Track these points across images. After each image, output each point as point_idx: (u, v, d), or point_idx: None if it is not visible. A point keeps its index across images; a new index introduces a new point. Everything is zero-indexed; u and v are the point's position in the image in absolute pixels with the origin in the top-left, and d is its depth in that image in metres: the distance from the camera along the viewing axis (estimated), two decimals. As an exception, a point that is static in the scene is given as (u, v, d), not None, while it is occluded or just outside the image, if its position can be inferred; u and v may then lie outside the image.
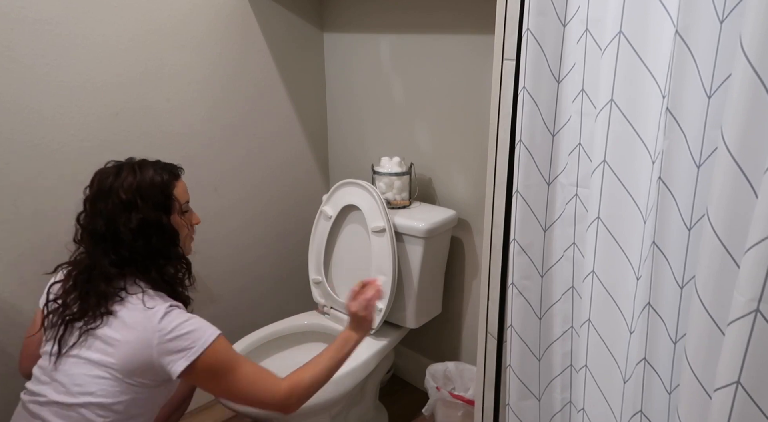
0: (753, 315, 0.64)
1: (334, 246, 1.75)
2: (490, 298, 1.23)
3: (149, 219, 1.05)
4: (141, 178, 1.06)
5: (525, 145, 1.04)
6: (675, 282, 0.85)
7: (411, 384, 2.00)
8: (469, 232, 1.70)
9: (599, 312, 1.00)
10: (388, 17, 1.71)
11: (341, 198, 1.68)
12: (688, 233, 0.82)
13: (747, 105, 0.64)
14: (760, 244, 0.62)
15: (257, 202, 1.88)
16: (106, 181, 1.05)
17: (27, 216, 1.37)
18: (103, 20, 1.40)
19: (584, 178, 1.01)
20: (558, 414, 1.20)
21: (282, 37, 1.80)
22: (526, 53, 0.99)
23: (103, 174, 1.07)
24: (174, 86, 1.57)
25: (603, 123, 0.91)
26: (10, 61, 1.28)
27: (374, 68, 1.80)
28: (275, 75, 1.82)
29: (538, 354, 1.18)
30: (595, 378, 1.04)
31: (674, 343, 0.87)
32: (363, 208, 1.60)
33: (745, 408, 0.67)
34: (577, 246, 1.07)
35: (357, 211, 1.63)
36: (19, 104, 1.31)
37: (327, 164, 2.08)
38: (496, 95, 1.09)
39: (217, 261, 1.80)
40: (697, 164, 0.79)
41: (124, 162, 1.10)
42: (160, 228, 1.07)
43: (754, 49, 0.62)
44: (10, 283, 1.37)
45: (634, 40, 0.84)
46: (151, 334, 0.99)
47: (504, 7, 1.02)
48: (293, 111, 1.91)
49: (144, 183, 1.06)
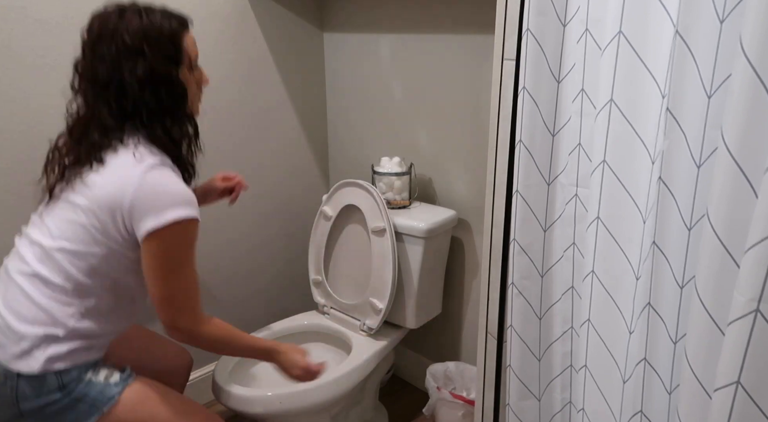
0: (753, 315, 0.64)
1: (334, 247, 1.75)
2: (490, 298, 1.23)
3: (158, 69, 0.96)
4: (149, 23, 0.95)
5: (525, 145, 1.04)
6: (675, 282, 0.85)
7: (411, 384, 2.00)
8: (469, 232, 1.70)
9: (599, 312, 1.00)
10: (388, 17, 1.71)
11: (341, 198, 1.68)
12: (688, 233, 0.82)
13: (747, 105, 0.64)
14: (760, 244, 0.62)
15: (257, 202, 1.88)
16: (108, 22, 0.95)
17: (27, 215, 1.37)
18: (103, 20, 1.40)
19: (584, 178, 1.01)
20: (558, 414, 1.20)
21: (282, 37, 1.80)
22: (526, 53, 0.99)
23: (104, 15, 0.96)
24: (174, 86, 1.57)
25: (603, 123, 0.91)
26: (10, 61, 1.28)
27: (374, 68, 1.80)
28: (275, 75, 1.82)
29: (538, 354, 1.18)
30: (595, 378, 1.04)
31: (674, 343, 0.87)
32: (363, 208, 1.60)
33: (745, 408, 0.67)
34: (577, 246, 1.07)
35: (357, 211, 1.63)
36: (19, 104, 1.31)
37: (327, 164, 2.08)
38: (496, 95, 1.09)
39: (217, 260, 1.80)
40: (697, 164, 0.79)
41: (126, 3, 0.98)
42: (170, 82, 0.98)
43: (754, 49, 0.62)
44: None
45: (634, 40, 0.84)
46: (130, 182, 0.93)
47: (504, 7, 1.03)
48: (293, 111, 1.91)
49: (152, 28, 0.95)
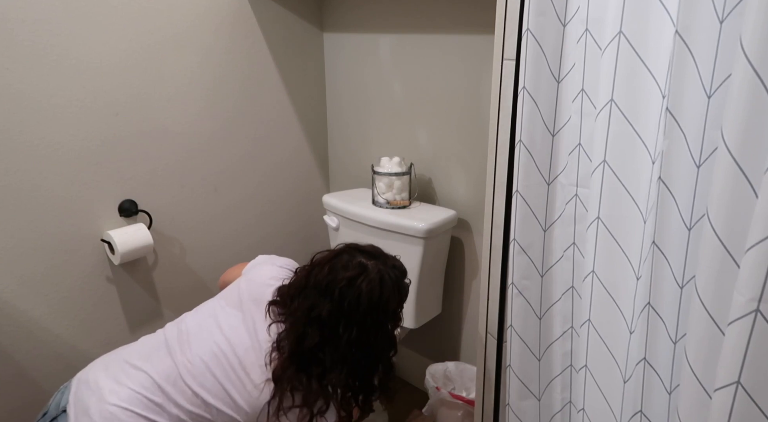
0: (753, 315, 0.64)
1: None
2: (490, 298, 1.23)
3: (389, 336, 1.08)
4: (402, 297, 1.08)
5: (525, 145, 1.04)
6: (675, 282, 0.85)
7: (411, 384, 2.00)
8: (469, 232, 1.70)
9: (599, 312, 1.00)
10: (388, 17, 1.71)
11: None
12: (688, 233, 0.82)
13: (747, 105, 0.64)
14: (760, 244, 0.62)
15: (257, 202, 1.88)
16: (379, 291, 1.02)
17: (26, 215, 1.37)
18: (104, 21, 1.40)
19: (584, 177, 1.01)
20: (558, 414, 1.20)
21: (282, 37, 1.80)
22: (526, 53, 0.99)
23: (372, 283, 1.02)
24: (174, 86, 1.57)
25: (603, 123, 0.91)
26: (10, 61, 1.28)
27: (374, 68, 1.80)
28: (275, 75, 1.82)
29: (538, 354, 1.18)
30: (595, 378, 1.04)
31: (674, 343, 0.87)
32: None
33: (745, 408, 0.67)
34: (577, 246, 1.07)
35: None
36: (18, 104, 1.31)
37: (327, 164, 2.08)
38: (496, 95, 1.09)
39: (217, 260, 1.80)
40: (697, 164, 0.79)
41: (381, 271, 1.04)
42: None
43: (754, 49, 0.62)
44: (9, 283, 1.37)
45: (634, 40, 0.84)
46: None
47: (504, 7, 1.03)
48: (293, 111, 1.91)
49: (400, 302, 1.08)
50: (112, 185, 1.50)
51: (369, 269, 1.03)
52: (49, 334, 1.46)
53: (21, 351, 1.42)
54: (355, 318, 1.00)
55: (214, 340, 1.04)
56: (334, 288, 1.01)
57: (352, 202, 1.72)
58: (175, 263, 1.69)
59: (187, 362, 1.02)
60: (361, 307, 1.00)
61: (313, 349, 1.00)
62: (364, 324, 1.01)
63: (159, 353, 1.04)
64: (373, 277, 1.02)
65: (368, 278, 1.01)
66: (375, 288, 1.01)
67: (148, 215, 1.57)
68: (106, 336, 1.57)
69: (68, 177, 1.41)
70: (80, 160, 1.42)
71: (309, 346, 1.00)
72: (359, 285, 1.00)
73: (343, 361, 1.01)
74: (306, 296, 1.03)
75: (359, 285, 1.00)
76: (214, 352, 1.03)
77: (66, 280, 1.46)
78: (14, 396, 1.43)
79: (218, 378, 1.01)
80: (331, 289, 1.01)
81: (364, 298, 1.00)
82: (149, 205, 1.58)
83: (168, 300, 1.70)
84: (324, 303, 1.00)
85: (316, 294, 1.02)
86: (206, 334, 1.06)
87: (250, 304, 1.08)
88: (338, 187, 2.05)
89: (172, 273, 1.69)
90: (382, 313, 1.03)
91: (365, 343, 1.01)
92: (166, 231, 1.64)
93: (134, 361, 1.04)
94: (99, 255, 1.51)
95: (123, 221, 1.54)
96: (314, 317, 1.00)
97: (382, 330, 1.04)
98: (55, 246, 1.42)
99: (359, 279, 1.01)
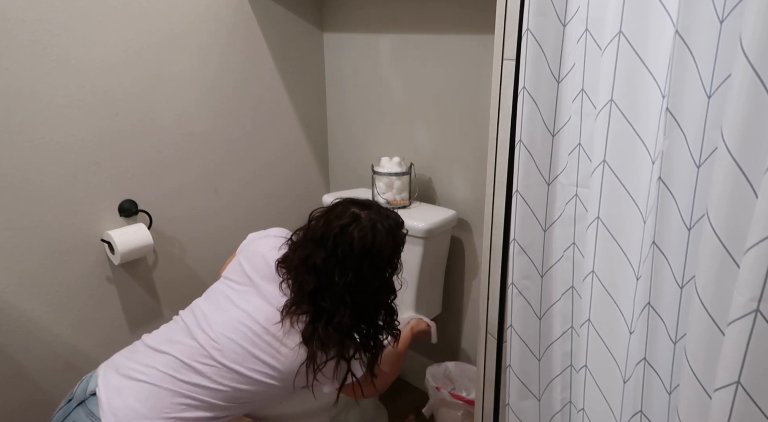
0: (753, 315, 0.64)
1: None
2: (490, 298, 1.23)
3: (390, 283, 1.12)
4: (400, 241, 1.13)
5: (525, 145, 1.04)
6: (675, 282, 0.85)
7: (411, 384, 2.00)
8: (469, 232, 1.70)
9: (599, 312, 1.00)
10: (388, 17, 1.71)
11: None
12: (688, 233, 0.82)
13: (747, 105, 0.64)
14: (760, 244, 0.62)
15: (257, 202, 1.88)
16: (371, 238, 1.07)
17: (26, 215, 1.37)
18: (104, 21, 1.40)
19: (584, 177, 1.01)
20: (558, 414, 1.20)
21: (282, 37, 1.80)
22: (526, 53, 0.99)
23: (364, 230, 1.06)
24: (173, 86, 1.57)
25: (603, 123, 0.91)
26: (10, 62, 1.28)
27: (374, 68, 1.80)
28: (275, 75, 1.82)
29: (538, 354, 1.18)
30: (595, 378, 1.04)
31: (674, 343, 0.87)
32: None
33: (745, 408, 0.67)
34: (577, 246, 1.07)
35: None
36: (18, 104, 1.31)
37: (327, 164, 2.08)
38: (496, 95, 1.09)
39: (217, 260, 1.79)
40: (697, 164, 0.79)
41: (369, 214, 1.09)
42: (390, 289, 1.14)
43: (754, 49, 0.62)
44: (10, 283, 1.37)
45: (634, 40, 0.84)
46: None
47: (504, 7, 1.02)
48: (293, 111, 1.91)
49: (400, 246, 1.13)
50: (112, 185, 1.50)
51: (362, 217, 1.08)
52: (49, 334, 1.46)
53: (21, 351, 1.42)
54: (349, 264, 1.05)
55: (232, 316, 1.08)
56: (328, 236, 1.06)
57: (352, 201, 1.72)
58: (175, 263, 1.69)
59: (212, 341, 1.05)
60: (353, 253, 1.05)
61: (312, 294, 1.05)
62: (360, 270, 1.05)
63: (181, 337, 1.08)
64: (365, 225, 1.06)
65: (360, 225, 1.06)
66: (367, 235, 1.05)
67: (148, 215, 1.57)
68: (106, 336, 1.57)
69: (68, 177, 1.41)
70: (80, 159, 1.42)
71: (307, 291, 1.05)
72: (351, 232, 1.05)
73: (344, 303, 1.05)
74: (303, 248, 1.08)
75: (351, 232, 1.05)
76: (236, 327, 1.06)
77: (66, 280, 1.46)
78: (14, 396, 1.43)
79: (248, 349, 1.05)
80: (325, 238, 1.06)
81: (357, 245, 1.05)
82: (149, 205, 1.58)
83: (168, 300, 1.70)
84: (319, 251, 1.06)
85: (312, 246, 1.07)
86: (223, 313, 1.09)
87: (256, 276, 1.12)
88: (338, 187, 2.05)
89: (172, 273, 1.69)
90: (378, 259, 1.07)
91: (362, 288, 1.06)
92: (166, 231, 1.64)
93: (159, 346, 1.07)
94: (99, 255, 1.51)
95: (123, 221, 1.54)
96: (310, 265, 1.06)
97: (378, 275, 1.09)
98: (55, 246, 1.42)
99: (351, 227, 1.05)
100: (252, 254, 1.18)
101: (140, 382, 1.01)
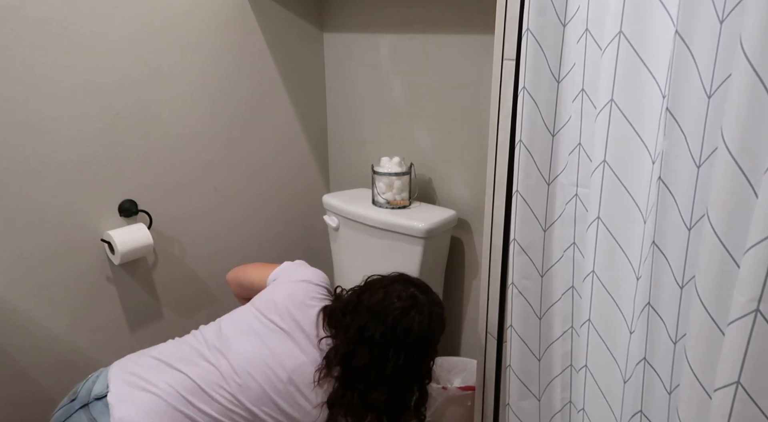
0: (753, 315, 0.64)
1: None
2: (490, 298, 1.23)
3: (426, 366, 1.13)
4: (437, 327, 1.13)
5: (525, 145, 1.04)
6: (675, 282, 0.85)
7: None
8: (469, 232, 1.70)
9: (599, 312, 1.00)
10: (388, 17, 1.71)
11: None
12: (688, 233, 0.82)
13: (747, 105, 0.64)
14: (760, 244, 0.62)
15: (257, 202, 1.88)
16: (428, 325, 1.09)
17: (26, 216, 1.37)
18: (103, 21, 1.40)
19: (584, 177, 1.01)
20: (558, 414, 1.20)
21: (282, 37, 1.80)
22: (526, 53, 0.99)
23: (423, 316, 1.09)
24: (173, 86, 1.57)
25: (603, 123, 0.91)
26: (9, 62, 1.28)
27: (374, 68, 1.80)
28: (275, 75, 1.82)
29: (538, 354, 1.18)
30: (595, 378, 1.04)
31: (674, 343, 0.87)
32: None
33: (745, 408, 0.67)
34: (577, 246, 1.07)
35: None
36: (18, 104, 1.31)
37: (327, 163, 2.08)
38: (496, 95, 1.09)
39: (217, 260, 1.80)
40: (697, 164, 0.79)
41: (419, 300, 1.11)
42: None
43: (754, 49, 0.62)
44: (9, 283, 1.37)
45: (634, 40, 0.84)
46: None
47: (504, 7, 1.03)
48: (293, 111, 1.91)
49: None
50: (112, 185, 1.50)
51: (420, 302, 1.10)
52: (49, 334, 1.46)
53: (20, 350, 1.42)
54: (404, 346, 1.06)
55: (260, 354, 1.06)
56: (388, 314, 1.07)
57: (352, 201, 1.72)
58: (175, 263, 1.69)
59: (234, 374, 1.03)
60: (411, 337, 1.07)
61: (360, 368, 1.05)
62: (411, 354, 1.07)
63: (199, 359, 1.06)
64: (425, 311, 1.09)
65: (420, 311, 1.09)
66: (425, 322, 1.08)
67: (148, 215, 1.57)
68: (106, 336, 1.57)
69: (68, 177, 1.41)
70: (80, 159, 1.42)
71: (357, 365, 1.05)
72: (413, 316, 1.07)
73: (388, 384, 1.06)
74: (359, 316, 1.08)
75: (413, 316, 1.08)
76: (262, 369, 1.05)
77: (66, 280, 1.46)
78: (14, 396, 1.43)
79: (269, 394, 1.04)
80: (385, 314, 1.07)
81: (415, 329, 1.07)
82: (149, 205, 1.58)
83: (168, 300, 1.70)
84: (377, 325, 1.06)
85: (369, 316, 1.07)
86: (249, 346, 1.07)
87: (291, 322, 1.10)
88: (338, 187, 2.05)
89: (172, 273, 1.69)
90: (428, 345, 1.11)
91: (409, 370, 1.07)
92: (166, 231, 1.64)
93: (172, 362, 1.05)
94: (99, 255, 1.51)
95: (123, 221, 1.54)
96: (367, 337, 1.06)
97: (425, 360, 1.12)
98: (55, 246, 1.42)
99: (412, 311, 1.08)
100: (290, 296, 1.16)
101: (154, 396, 0.99)
